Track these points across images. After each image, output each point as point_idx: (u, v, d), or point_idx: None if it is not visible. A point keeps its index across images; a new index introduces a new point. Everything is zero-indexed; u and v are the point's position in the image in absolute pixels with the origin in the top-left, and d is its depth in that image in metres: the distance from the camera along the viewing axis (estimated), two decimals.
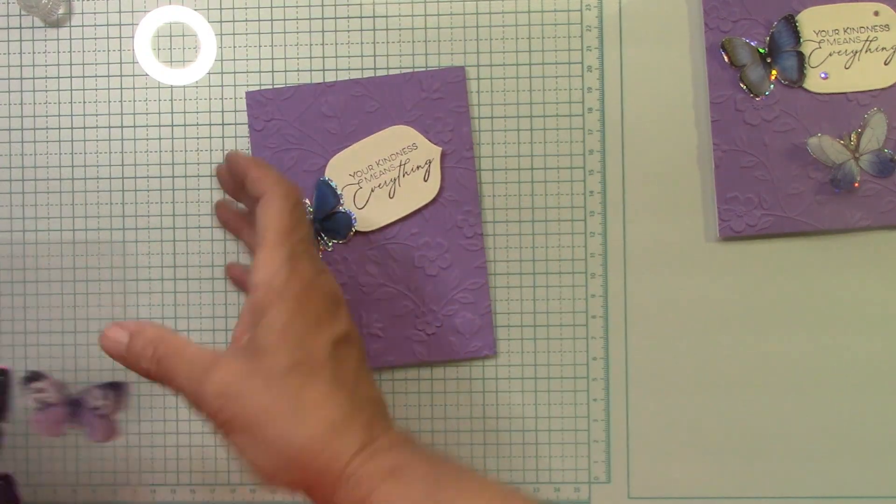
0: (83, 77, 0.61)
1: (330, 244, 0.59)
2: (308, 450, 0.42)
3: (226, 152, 0.59)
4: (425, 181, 0.59)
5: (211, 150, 0.61)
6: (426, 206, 0.59)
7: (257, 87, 0.60)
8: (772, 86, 0.58)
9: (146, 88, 0.61)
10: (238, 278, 0.59)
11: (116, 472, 0.61)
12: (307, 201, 0.59)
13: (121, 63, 0.61)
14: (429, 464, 0.43)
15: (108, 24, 0.61)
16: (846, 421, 0.59)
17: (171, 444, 0.61)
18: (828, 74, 0.58)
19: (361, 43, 0.60)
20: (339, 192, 0.59)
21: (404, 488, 0.42)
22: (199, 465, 0.61)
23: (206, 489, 0.61)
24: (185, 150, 0.61)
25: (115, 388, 0.54)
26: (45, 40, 0.61)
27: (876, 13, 0.58)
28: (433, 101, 0.59)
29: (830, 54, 0.58)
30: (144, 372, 0.44)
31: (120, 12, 0.61)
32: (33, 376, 0.53)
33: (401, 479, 0.42)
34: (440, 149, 0.59)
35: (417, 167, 0.59)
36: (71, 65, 0.61)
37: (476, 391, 0.60)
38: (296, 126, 0.59)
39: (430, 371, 0.60)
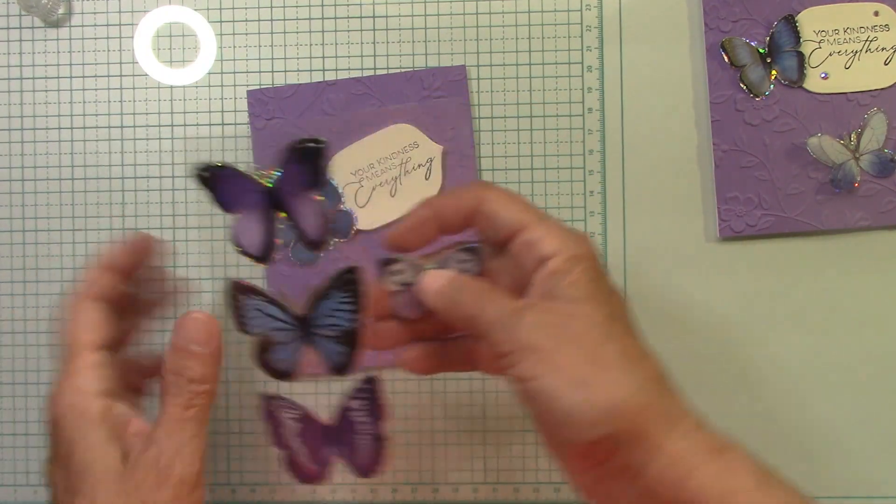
0: (83, 77, 0.61)
1: (332, 243, 0.59)
2: (633, 402, 0.40)
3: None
4: (427, 179, 0.59)
5: (211, 151, 0.61)
6: None
7: (257, 87, 0.60)
8: (772, 86, 0.58)
9: (146, 88, 0.61)
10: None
11: None
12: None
13: (121, 63, 0.61)
14: (746, 452, 0.41)
15: (108, 24, 0.61)
16: (846, 421, 0.59)
17: None
18: (828, 74, 0.58)
19: (361, 43, 0.60)
20: (340, 191, 0.59)
21: (733, 475, 0.40)
22: None
23: (205, 489, 0.61)
24: (185, 150, 0.61)
25: (472, 251, 0.47)
26: (45, 40, 0.61)
27: (876, 13, 0.58)
28: (434, 99, 0.59)
29: (830, 54, 0.58)
30: (455, 308, 0.45)
31: (120, 12, 0.61)
32: (389, 260, 0.48)
33: (729, 464, 0.40)
34: (442, 147, 0.59)
35: (419, 165, 0.59)
36: (71, 65, 0.61)
37: (476, 391, 0.60)
38: (297, 124, 0.59)
39: None
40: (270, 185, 0.49)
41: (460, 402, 0.60)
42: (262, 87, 0.60)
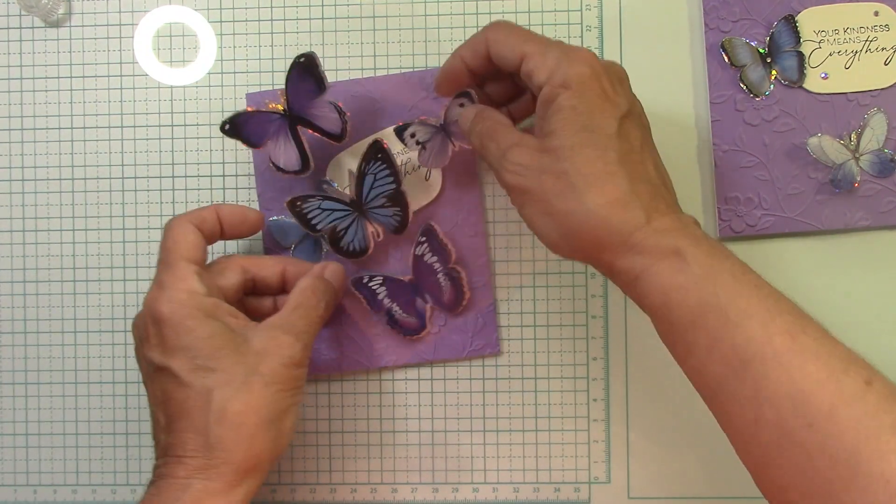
0: (83, 77, 0.61)
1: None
2: (588, 223, 0.45)
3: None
4: (427, 180, 0.59)
5: (211, 150, 0.61)
6: (428, 205, 0.59)
7: (257, 87, 0.60)
8: (772, 86, 0.58)
9: (146, 88, 0.61)
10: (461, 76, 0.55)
11: (116, 472, 0.61)
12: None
13: (121, 63, 0.61)
14: (709, 255, 0.45)
15: (108, 24, 0.61)
16: None
17: None
18: (828, 74, 0.58)
19: (361, 43, 0.60)
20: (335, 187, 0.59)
21: (679, 273, 0.44)
22: None
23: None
24: (185, 150, 0.61)
25: (467, 95, 0.53)
26: (45, 40, 0.61)
27: (876, 13, 0.58)
28: (433, 100, 0.59)
29: (830, 54, 0.58)
30: (475, 141, 0.52)
31: (120, 12, 0.61)
32: (402, 127, 0.55)
33: (677, 262, 0.44)
34: None
35: (419, 167, 0.59)
36: (71, 65, 0.61)
37: (476, 391, 0.60)
38: None
39: (429, 370, 0.60)
40: (284, 109, 0.56)
41: (460, 403, 0.60)
42: (262, 87, 0.60)
